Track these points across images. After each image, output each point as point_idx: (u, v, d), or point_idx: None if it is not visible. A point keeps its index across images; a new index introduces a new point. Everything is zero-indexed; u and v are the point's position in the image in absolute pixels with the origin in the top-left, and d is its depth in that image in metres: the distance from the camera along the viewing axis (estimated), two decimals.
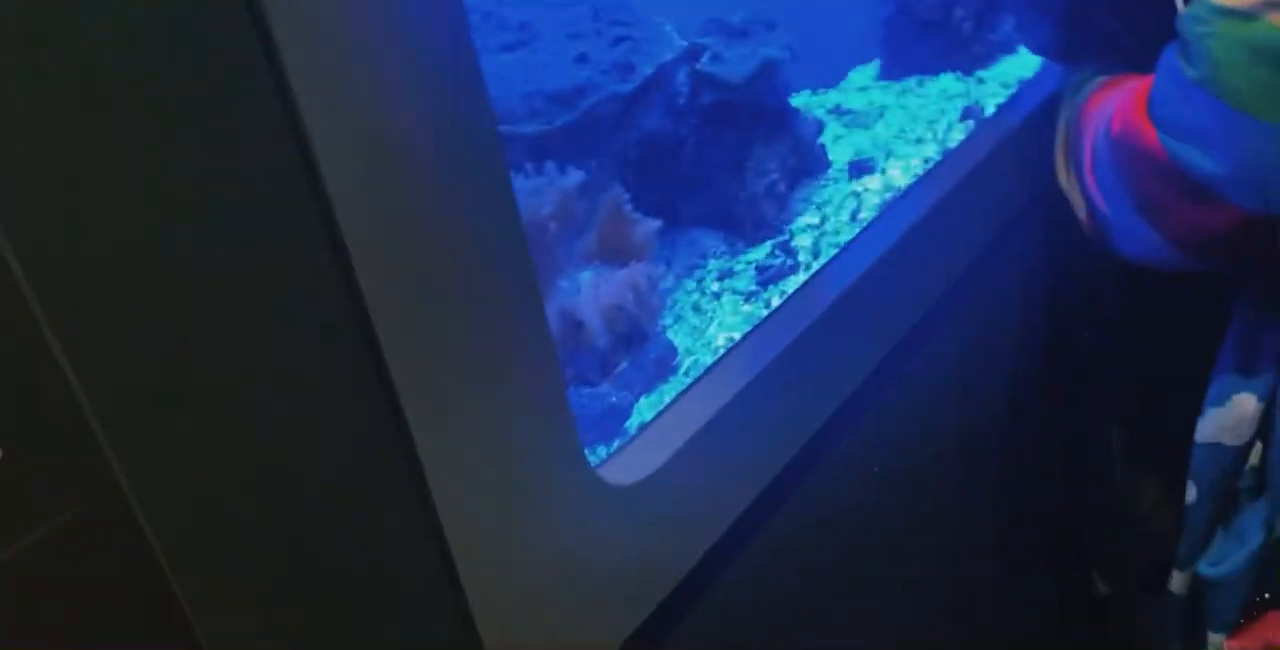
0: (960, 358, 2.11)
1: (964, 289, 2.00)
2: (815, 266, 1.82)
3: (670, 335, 1.67)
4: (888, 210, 1.96)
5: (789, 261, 1.86)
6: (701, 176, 1.90)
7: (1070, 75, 1.83)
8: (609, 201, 1.59)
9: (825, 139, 2.13)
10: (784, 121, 1.95)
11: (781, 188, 2.01)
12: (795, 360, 1.54)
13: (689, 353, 1.67)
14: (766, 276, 1.83)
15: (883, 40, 2.32)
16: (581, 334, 1.51)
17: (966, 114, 2.20)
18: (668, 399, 1.46)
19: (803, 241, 1.97)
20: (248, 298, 0.68)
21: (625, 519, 1.20)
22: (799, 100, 2.25)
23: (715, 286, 1.98)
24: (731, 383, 1.46)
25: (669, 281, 1.83)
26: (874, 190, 2.07)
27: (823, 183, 2.18)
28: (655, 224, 1.65)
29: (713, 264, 1.96)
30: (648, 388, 1.55)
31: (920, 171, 2.06)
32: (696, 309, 1.85)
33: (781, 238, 1.93)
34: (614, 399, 1.48)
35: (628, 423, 1.47)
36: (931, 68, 2.28)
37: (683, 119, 1.80)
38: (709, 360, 1.60)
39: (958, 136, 2.16)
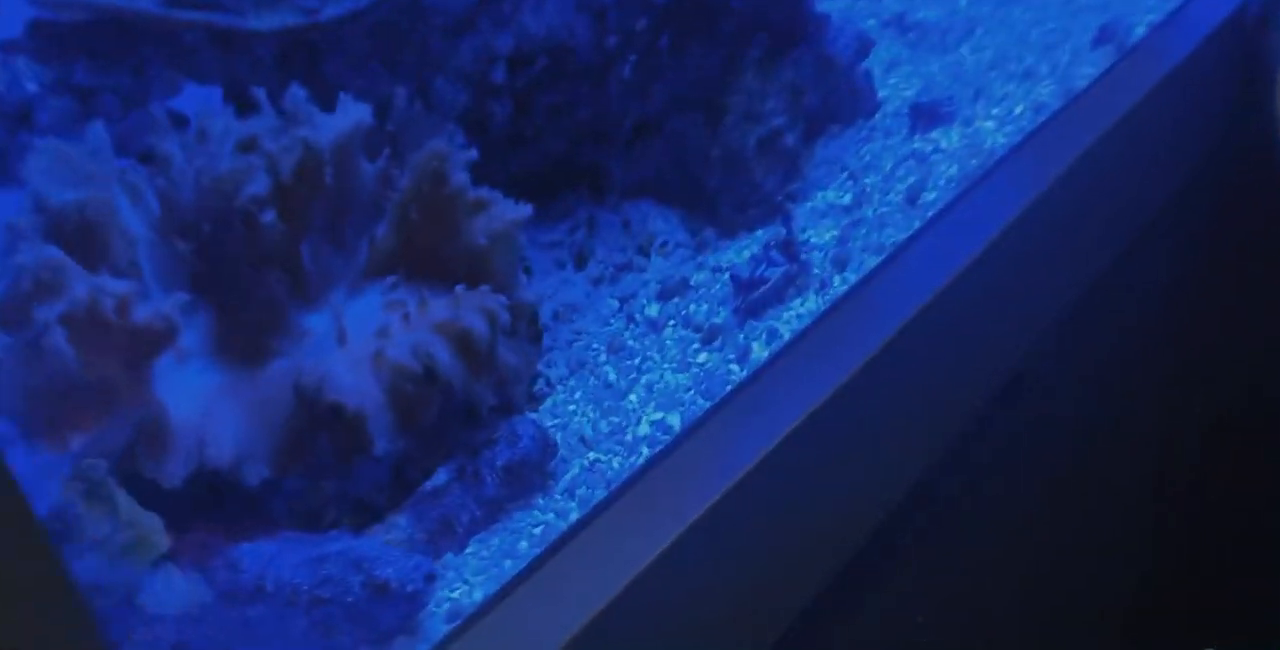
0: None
1: (1088, 321, 1.57)
2: (838, 284, 1.28)
3: (549, 414, 1.19)
4: (971, 189, 1.38)
5: (791, 270, 1.28)
6: (645, 119, 1.38)
7: None
8: (424, 165, 1.01)
9: (873, 66, 1.59)
10: (798, 32, 1.41)
11: (788, 141, 1.41)
12: (793, 475, 1.08)
13: (582, 450, 1.14)
14: (750, 298, 1.26)
15: None
16: (341, 428, 0.96)
17: (1103, 36, 1.64)
18: (527, 554, 1.02)
19: (820, 236, 1.37)
20: None
21: None
22: (833, 2, 1.69)
23: (653, 310, 1.35)
24: (667, 522, 0.99)
25: (571, 294, 1.35)
26: (949, 153, 1.45)
27: (863, 135, 1.56)
28: (518, 211, 1.08)
29: (655, 267, 1.39)
30: (479, 531, 1.05)
31: (1027, 126, 1.48)
32: (614, 352, 1.28)
33: (779, 230, 1.35)
34: (391, 572, 0.93)
35: (426, 609, 0.95)
36: None
37: (610, 21, 1.28)
38: (620, 466, 1.10)
39: (1088, 72, 1.57)
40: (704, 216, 1.49)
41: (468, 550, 1.07)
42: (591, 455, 1.16)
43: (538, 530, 1.08)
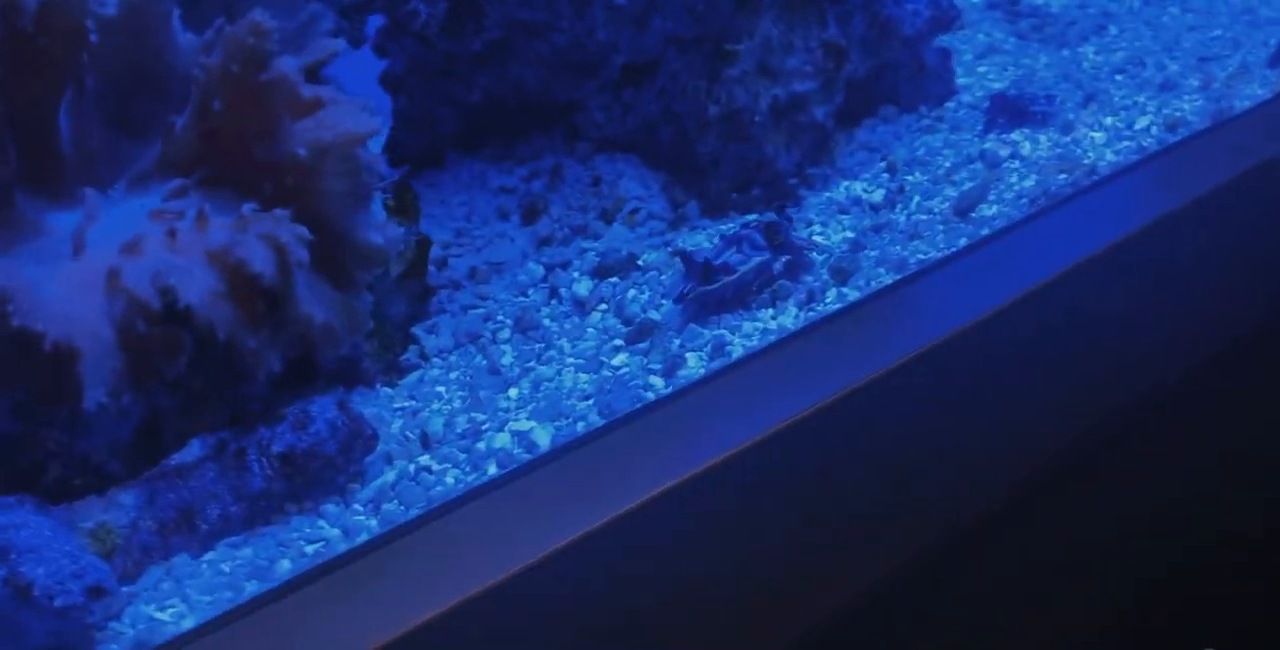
0: None
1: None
2: (831, 300, 0.98)
3: (405, 393, 0.94)
4: (1051, 209, 1.05)
5: (768, 264, 0.99)
6: (639, 57, 1.15)
7: None
8: (235, 41, 0.74)
9: (960, 47, 1.35)
10: None
11: (816, 113, 1.16)
12: (656, 548, 0.77)
13: (415, 451, 0.87)
14: (703, 291, 0.97)
15: None
16: (44, 365, 0.71)
17: None
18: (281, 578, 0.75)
19: (829, 235, 1.08)
20: None
21: None
22: None
23: (584, 287, 1.07)
24: (464, 578, 0.69)
25: (503, 252, 1.10)
26: (1029, 161, 1.14)
27: (924, 124, 1.28)
28: (361, 122, 0.78)
29: (614, 237, 1.13)
30: (231, 533, 0.79)
31: (1151, 145, 1.15)
32: (521, 329, 1.02)
33: (781, 216, 1.04)
34: (42, 572, 0.68)
35: (100, 628, 0.71)
36: None
37: None
38: (454, 483, 0.82)
39: (1255, 92, 1.24)
40: (691, 187, 1.19)
41: (208, 556, 0.80)
42: (424, 459, 0.87)
43: (312, 548, 0.79)
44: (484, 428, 0.89)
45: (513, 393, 0.94)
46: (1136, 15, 1.44)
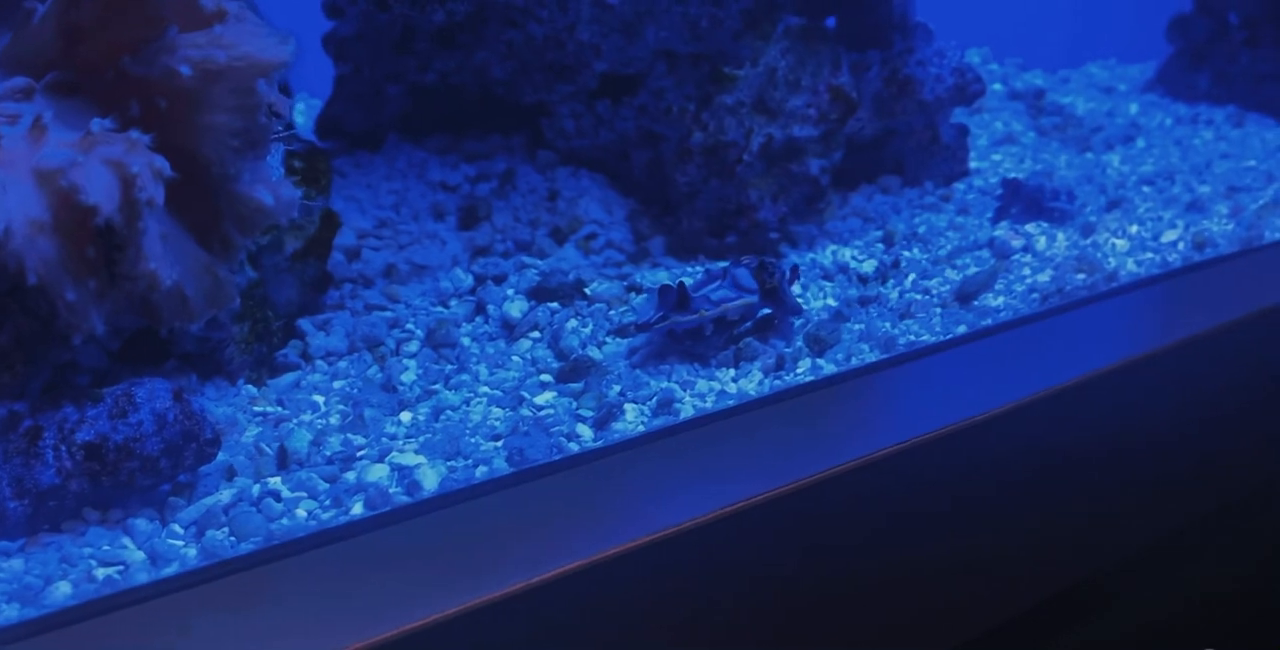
0: None
1: None
2: (803, 369, 0.84)
3: (271, 397, 0.78)
4: (1063, 309, 0.94)
5: (753, 307, 0.86)
6: (622, 66, 1.04)
7: None
8: None
9: (975, 130, 1.26)
10: (874, 25, 1.09)
11: (812, 166, 1.04)
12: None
13: (266, 468, 0.71)
14: (676, 323, 0.83)
15: (1184, 34, 1.51)
16: None
17: None
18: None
19: (810, 300, 0.95)
20: None
21: None
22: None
23: (517, 307, 0.92)
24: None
25: (427, 255, 0.98)
26: (1043, 256, 1.04)
27: (928, 201, 1.16)
28: (270, 50, 0.63)
29: (562, 259, 1.00)
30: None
31: (1176, 261, 1.05)
32: (432, 343, 0.87)
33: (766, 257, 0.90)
34: None
35: None
36: None
37: None
38: (305, 518, 0.66)
39: None
40: (660, 221, 1.05)
41: None
42: (274, 482, 0.70)
43: (104, 572, 0.62)
44: (360, 454, 0.72)
45: (405, 417, 0.77)
46: (1167, 133, 1.37)
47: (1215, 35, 1.43)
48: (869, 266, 0.99)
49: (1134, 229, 1.07)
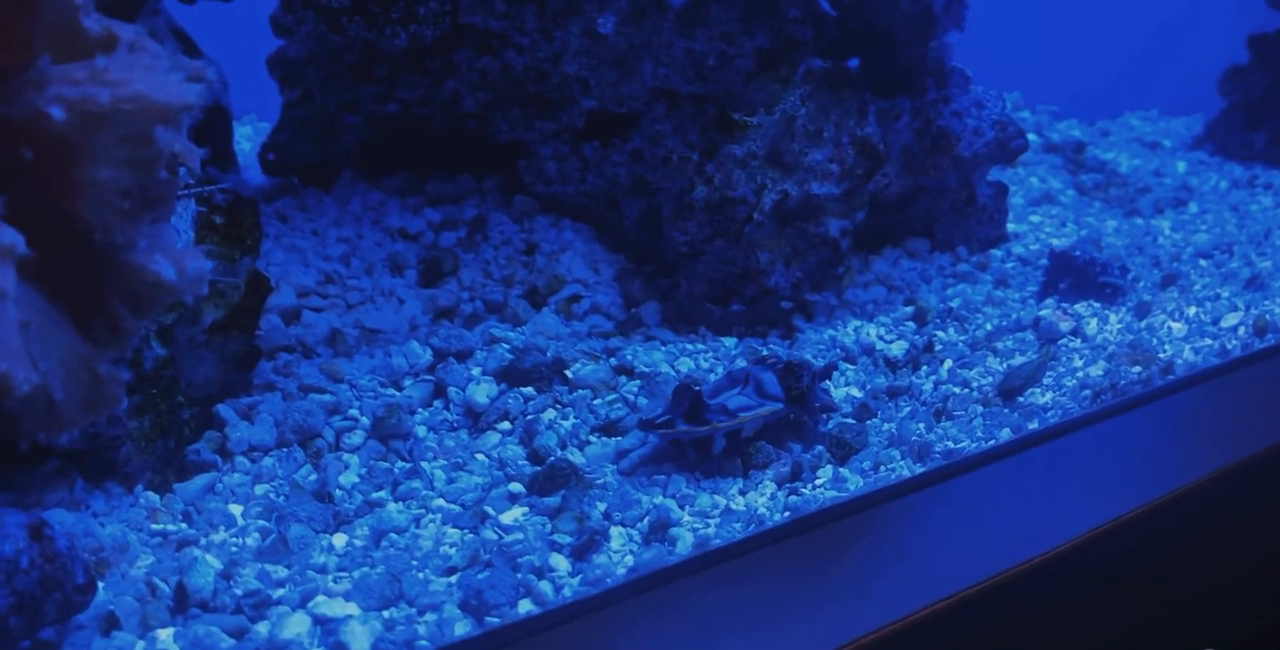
0: None
1: None
2: (823, 481, 0.74)
3: (173, 512, 0.65)
4: (1119, 409, 0.81)
5: (780, 415, 0.75)
6: (613, 104, 0.93)
7: None
8: None
9: (1010, 186, 1.12)
10: (905, 69, 0.99)
11: (830, 227, 0.94)
12: None
13: (157, 616, 0.56)
14: (697, 432, 0.71)
15: (1240, 88, 1.41)
16: None
17: None
18: None
19: (833, 390, 0.83)
20: None
21: None
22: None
23: (484, 392, 0.81)
24: None
25: (382, 319, 0.84)
26: (1095, 343, 0.91)
27: (961, 269, 1.05)
28: (171, 92, 0.50)
29: (539, 326, 0.88)
30: None
31: (1236, 350, 0.92)
32: (380, 435, 0.75)
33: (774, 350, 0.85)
34: None
35: None
36: None
37: None
38: None
39: None
40: (654, 283, 0.92)
41: None
42: (163, 637, 0.56)
43: None
44: (278, 594, 0.58)
45: (339, 541, 0.64)
46: (1222, 197, 1.26)
47: (1274, 89, 1.32)
48: (898, 349, 0.87)
49: (1192, 310, 0.95)
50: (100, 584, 0.55)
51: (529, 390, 0.77)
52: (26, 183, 0.46)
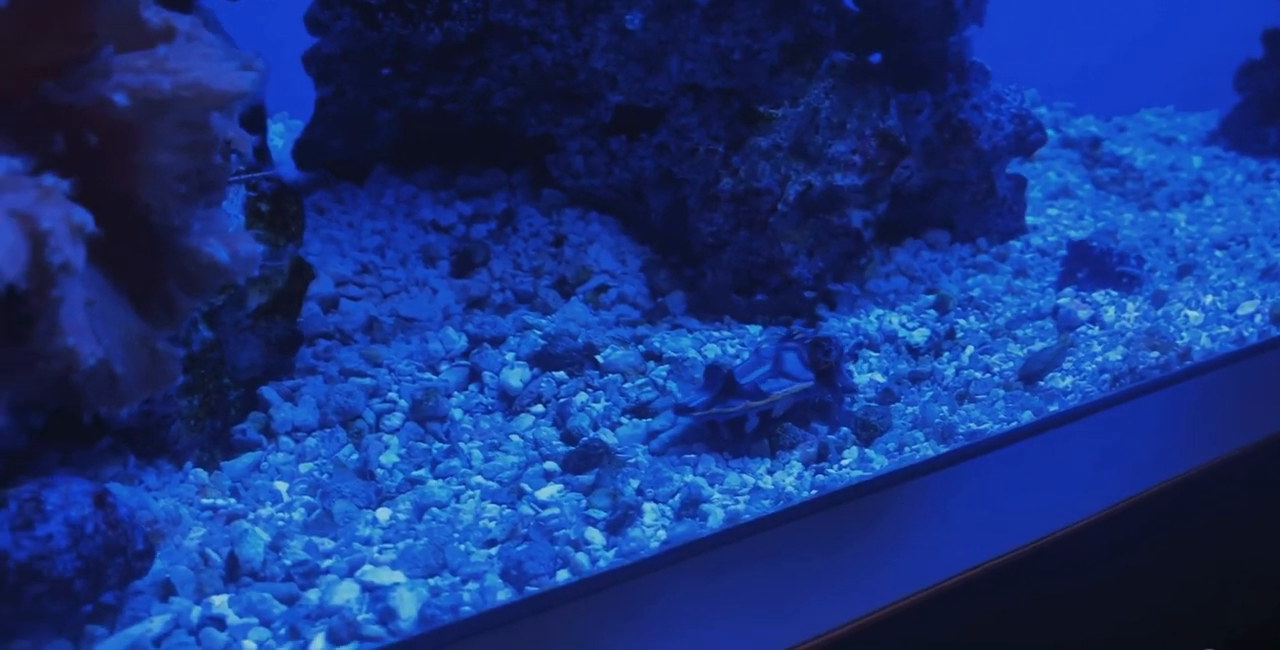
0: None
1: None
2: (849, 460, 0.74)
3: (224, 486, 0.67)
4: (1136, 393, 0.83)
5: (814, 396, 0.77)
6: (641, 99, 0.94)
7: None
8: None
9: (1029, 179, 1.14)
10: (925, 64, 1.00)
11: (853, 217, 0.95)
12: None
13: (211, 585, 0.59)
14: (730, 412, 0.73)
15: (1254, 84, 1.40)
16: None
17: None
18: None
19: (857, 375, 0.83)
20: None
21: None
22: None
23: (517, 375, 0.82)
24: None
25: (416, 307, 0.86)
26: (1113, 330, 0.93)
27: (981, 259, 1.06)
28: (228, 79, 0.51)
29: (568, 314, 0.89)
30: None
31: (1252, 338, 0.94)
32: (418, 417, 0.76)
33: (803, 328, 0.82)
34: None
35: None
36: None
37: None
38: None
39: None
40: (680, 273, 0.95)
41: None
42: (218, 603, 0.59)
43: None
44: (326, 564, 0.61)
45: (383, 515, 0.66)
46: (1238, 191, 1.27)
47: None
48: (920, 336, 0.89)
49: (1208, 299, 0.97)
50: (155, 553, 0.58)
51: (561, 374, 0.80)
52: (91, 167, 0.49)
